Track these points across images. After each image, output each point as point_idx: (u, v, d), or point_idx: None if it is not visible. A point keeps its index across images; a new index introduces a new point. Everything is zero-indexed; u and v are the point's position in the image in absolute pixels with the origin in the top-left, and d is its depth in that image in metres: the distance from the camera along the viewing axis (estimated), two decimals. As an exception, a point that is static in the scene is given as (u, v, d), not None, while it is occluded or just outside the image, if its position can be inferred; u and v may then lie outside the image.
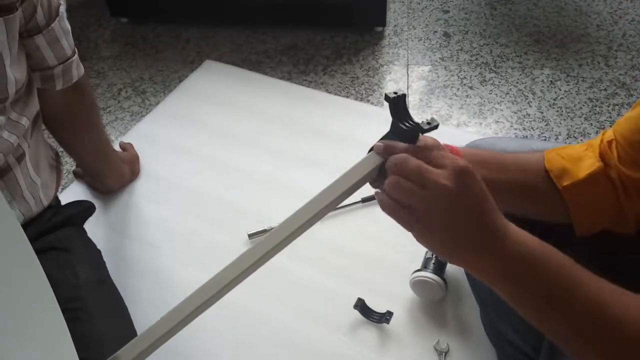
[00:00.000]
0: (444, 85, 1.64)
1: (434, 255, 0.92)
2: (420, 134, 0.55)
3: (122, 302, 0.83)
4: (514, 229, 0.48)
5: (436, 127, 0.56)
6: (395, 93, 0.56)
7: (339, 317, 0.91)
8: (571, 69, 1.67)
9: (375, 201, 1.11)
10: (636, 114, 0.62)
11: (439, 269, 0.90)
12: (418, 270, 0.90)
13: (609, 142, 0.64)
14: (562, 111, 1.53)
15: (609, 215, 0.64)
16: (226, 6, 1.81)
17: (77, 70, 0.85)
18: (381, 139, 0.57)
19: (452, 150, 0.57)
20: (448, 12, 1.95)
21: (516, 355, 0.73)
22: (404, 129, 0.55)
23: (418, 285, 0.90)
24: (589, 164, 0.63)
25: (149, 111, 1.41)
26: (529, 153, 0.68)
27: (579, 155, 0.64)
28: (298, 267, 0.99)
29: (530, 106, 1.56)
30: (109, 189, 1.13)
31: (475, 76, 1.67)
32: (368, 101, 1.59)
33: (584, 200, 0.63)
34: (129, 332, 0.77)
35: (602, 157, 0.64)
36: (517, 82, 1.64)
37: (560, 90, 1.60)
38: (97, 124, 1.00)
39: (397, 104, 0.56)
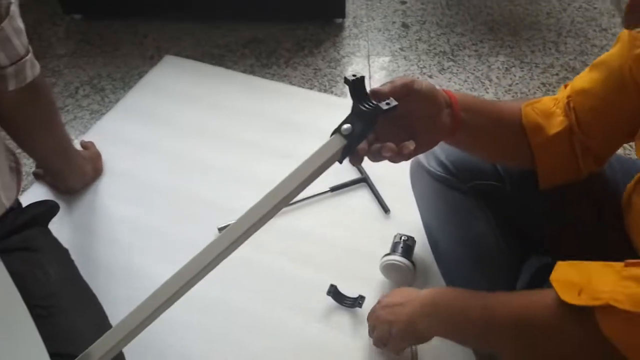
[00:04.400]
0: (404, 75, 1.67)
1: (402, 239, 0.95)
2: (381, 114, 0.57)
3: (95, 298, 0.82)
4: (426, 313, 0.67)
5: (395, 107, 0.57)
6: (354, 75, 0.57)
7: (313, 304, 0.93)
8: (524, 56, 1.73)
9: (343, 190, 1.14)
10: (596, 78, 0.67)
11: (407, 253, 0.93)
12: (387, 255, 0.93)
13: (567, 103, 0.68)
14: (518, 96, 1.59)
15: (569, 171, 0.70)
16: (184, 1, 1.79)
17: (32, 70, 0.82)
18: (343, 121, 0.58)
19: (448, 93, 0.66)
20: (405, 2, 1.98)
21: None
22: (364, 110, 0.57)
23: (388, 268, 0.92)
24: (558, 121, 0.68)
25: (109, 109, 1.38)
26: (508, 103, 0.74)
27: (549, 111, 0.69)
28: (270, 257, 1.00)
29: (487, 92, 1.61)
30: (72, 189, 1.10)
31: (434, 65, 1.71)
32: (332, 92, 1.61)
33: (550, 156, 0.69)
34: (104, 326, 0.76)
35: (566, 114, 0.69)
36: (474, 70, 1.69)
37: (515, 76, 1.66)
38: (56, 123, 0.98)
39: (357, 86, 0.58)
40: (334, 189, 1.11)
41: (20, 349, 0.49)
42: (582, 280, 0.51)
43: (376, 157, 0.62)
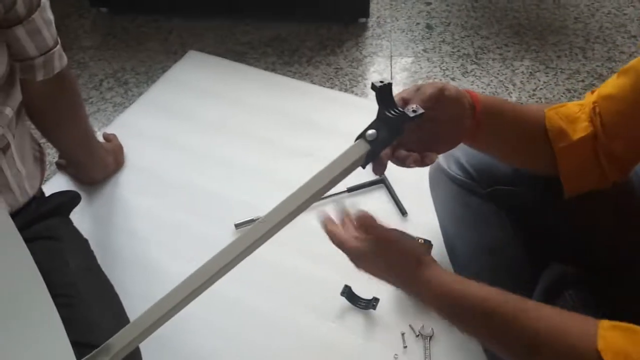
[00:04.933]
0: (427, 77, 1.66)
1: (418, 241, 0.94)
2: (406, 122, 0.57)
3: (113, 289, 0.83)
4: (435, 275, 0.59)
5: (421, 115, 0.57)
6: (381, 82, 0.57)
7: (327, 305, 0.93)
8: (550, 61, 1.71)
9: (361, 191, 1.13)
10: (623, 83, 0.65)
11: None
12: None
13: (593, 109, 0.67)
14: (542, 101, 1.57)
15: (593, 178, 0.68)
16: (209, -4, 1.80)
17: (60, 61, 0.84)
18: (368, 127, 0.58)
19: (471, 94, 0.65)
20: (430, 4, 1.96)
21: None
22: (390, 116, 0.57)
23: None
24: (582, 127, 0.67)
25: (132, 102, 1.39)
26: (531, 106, 0.73)
27: (574, 116, 0.68)
28: (285, 256, 1.00)
29: (511, 97, 1.59)
30: (93, 180, 1.12)
31: (457, 67, 1.69)
32: (352, 92, 1.60)
33: (573, 162, 0.68)
34: (121, 317, 0.77)
35: (591, 120, 0.67)
36: (497, 74, 1.67)
37: (539, 81, 1.64)
38: (81, 114, 0.99)
39: (384, 93, 0.58)
40: (351, 189, 1.11)
41: (43, 338, 0.50)
42: (634, 351, 0.47)
43: (400, 164, 0.62)
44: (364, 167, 0.59)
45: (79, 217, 1.01)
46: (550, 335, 0.51)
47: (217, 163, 1.19)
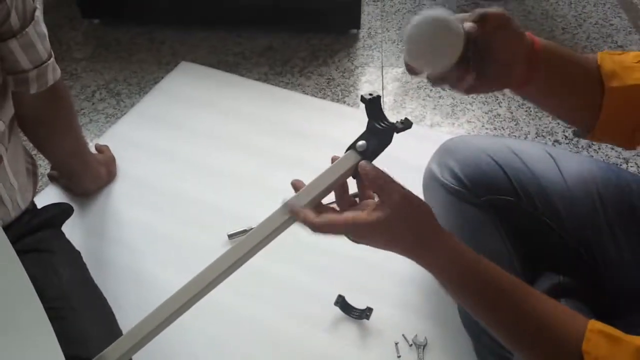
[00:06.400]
0: (418, 87, 1.68)
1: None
2: (395, 133, 0.58)
3: (106, 302, 0.83)
4: (448, 241, 0.57)
5: (409, 126, 0.58)
6: (370, 94, 0.58)
7: (320, 315, 0.93)
8: (539, 71, 1.73)
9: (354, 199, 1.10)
10: None
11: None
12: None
13: None
14: (531, 111, 1.59)
15: (631, 131, 0.66)
16: (200, 8, 1.81)
17: (53, 74, 0.84)
18: (358, 138, 0.59)
19: (532, 38, 0.64)
20: (420, 15, 1.99)
21: (492, 345, 0.76)
22: (380, 128, 0.58)
23: (421, 31, 0.56)
24: (636, 76, 0.64)
25: (124, 113, 1.40)
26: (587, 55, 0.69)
27: (629, 65, 0.65)
28: (278, 265, 1.00)
29: (501, 106, 1.61)
30: (86, 191, 1.12)
31: (448, 77, 1.71)
32: (344, 102, 1.62)
33: (620, 106, 0.65)
34: (114, 330, 0.77)
35: None
36: (487, 83, 1.69)
37: (528, 91, 1.66)
38: (74, 126, 0.99)
39: (373, 105, 0.59)
40: (344, 199, 1.11)
41: (35, 349, 0.50)
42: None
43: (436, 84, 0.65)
44: (354, 177, 0.60)
45: (71, 229, 1.00)
46: (547, 324, 0.52)
47: (209, 173, 1.19)
